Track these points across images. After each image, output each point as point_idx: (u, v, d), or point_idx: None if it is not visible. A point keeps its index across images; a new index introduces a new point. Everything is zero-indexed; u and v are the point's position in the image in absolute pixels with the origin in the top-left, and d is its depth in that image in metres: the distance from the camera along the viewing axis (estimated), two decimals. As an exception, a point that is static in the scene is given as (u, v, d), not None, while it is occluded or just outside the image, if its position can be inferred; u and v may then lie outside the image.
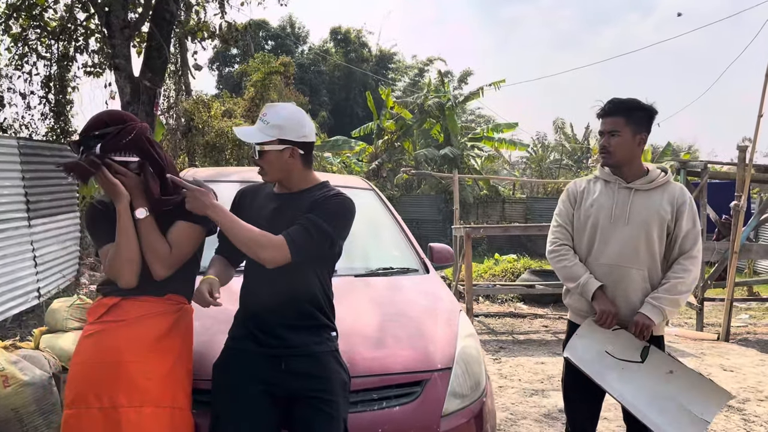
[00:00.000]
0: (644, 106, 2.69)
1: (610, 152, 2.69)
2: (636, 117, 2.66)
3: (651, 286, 2.67)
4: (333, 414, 2.08)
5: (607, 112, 2.70)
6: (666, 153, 22.08)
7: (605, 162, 2.74)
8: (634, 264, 2.65)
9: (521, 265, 11.46)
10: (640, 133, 2.67)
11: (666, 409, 2.50)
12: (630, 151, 2.68)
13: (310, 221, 2.07)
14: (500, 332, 7.44)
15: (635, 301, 2.66)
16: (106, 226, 2.17)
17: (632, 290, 2.66)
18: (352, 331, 2.50)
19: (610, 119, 2.67)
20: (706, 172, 7.76)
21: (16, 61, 10.04)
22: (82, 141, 2.15)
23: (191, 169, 4.37)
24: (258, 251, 2.03)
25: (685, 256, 2.64)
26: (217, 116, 14.40)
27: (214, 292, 2.06)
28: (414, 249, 3.68)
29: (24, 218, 6.42)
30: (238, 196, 2.35)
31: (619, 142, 2.66)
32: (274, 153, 2.13)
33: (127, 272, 2.12)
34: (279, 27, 31.95)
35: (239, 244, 2.06)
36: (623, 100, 2.70)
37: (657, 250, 2.66)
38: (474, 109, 30.61)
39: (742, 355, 6.37)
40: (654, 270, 2.67)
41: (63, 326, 5.12)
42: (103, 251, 2.18)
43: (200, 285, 2.08)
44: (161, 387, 2.09)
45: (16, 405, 3.53)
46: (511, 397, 4.84)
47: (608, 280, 2.68)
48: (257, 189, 2.34)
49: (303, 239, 2.04)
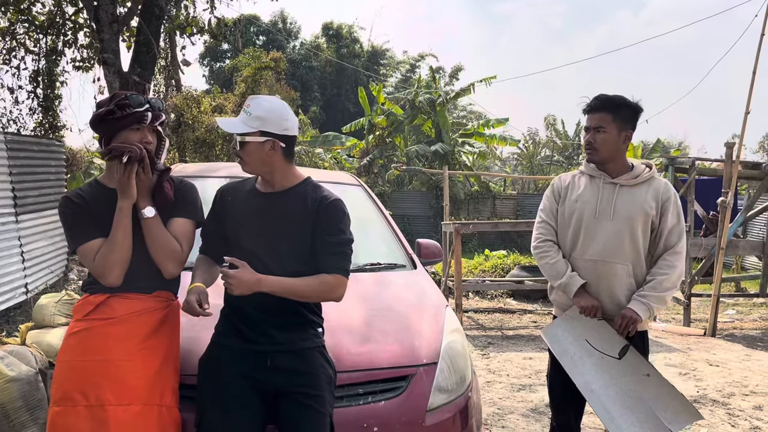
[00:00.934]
0: (630, 103, 2.70)
1: (595, 148, 2.70)
2: (622, 114, 2.68)
3: (635, 282, 2.69)
4: (319, 409, 2.09)
5: (593, 108, 2.71)
6: (656, 149, 22.21)
7: (590, 158, 2.76)
8: (619, 259, 2.67)
9: (511, 261, 11.50)
10: (625, 130, 2.69)
11: (633, 407, 2.51)
12: (615, 147, 2.70)
13: (338, 243, 2.16)
14: (489, 328, 7.48)
15: (620, 296, 2.69)
16: (87, 222, 2.13)
17: (617, 285, 2.69)
18: (338, 326, 2.50)
19: (597, 115, 2.69)
20: (694, 169, 7.82)
21: (3, 55, 9.97)
22: (153, 100, 2.21)
23: (179, 165, 4.35)
24: (329, 296, 2.16)
25: (671, 252, 2.66)
26: (207, 112, 14.34)
27: (203, 303, 2.05)
28: (402, 245, 3.69)
29: (11, 213, 6.38)
30: (218, 195, 2.32)
31: (604, 138, 2.67)
32: (254, 144, 2.12)
33: (118, 271, 2.10)
34: (270, 22, 31.83)
35: (307, 299, 2.15)
36: (610, 96, 2.71)
37: (641, 246, 2.68)
38: (465, 105, 30.69)
39: (728, 350, 6.43)
40: (638, 265, 2.70)
41: (50, 322, 5.10)
42: (87, 248, 2.12)
43: (189, 295, 2.07)
44: (150, 385, 2.08)
45: (3, 401, 3.53)
46: (499, 392, 4.87)
47: (593, 275, 2.70)
48: (237, 186, 2.32)
49: (347, 261, 2.18)
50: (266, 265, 2.10)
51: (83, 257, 2.13)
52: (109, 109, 2.13)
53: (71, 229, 2.16)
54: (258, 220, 2.17)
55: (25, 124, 10.34)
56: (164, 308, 2.22)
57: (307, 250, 2.16)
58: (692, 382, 5.21)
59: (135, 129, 2.15)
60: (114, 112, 2.12)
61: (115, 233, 2.10)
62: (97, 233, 2.12)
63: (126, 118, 2.13)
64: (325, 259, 2.14)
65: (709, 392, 4.94)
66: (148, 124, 2.18)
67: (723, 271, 7.37)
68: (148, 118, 2.17)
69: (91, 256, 2.11)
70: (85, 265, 2.15)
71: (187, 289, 2.11)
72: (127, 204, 2.11)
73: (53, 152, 7.87)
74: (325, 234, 2.15)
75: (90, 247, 2.11)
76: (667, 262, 2.65)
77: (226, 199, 2.27)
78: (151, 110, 2.18)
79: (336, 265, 2.14)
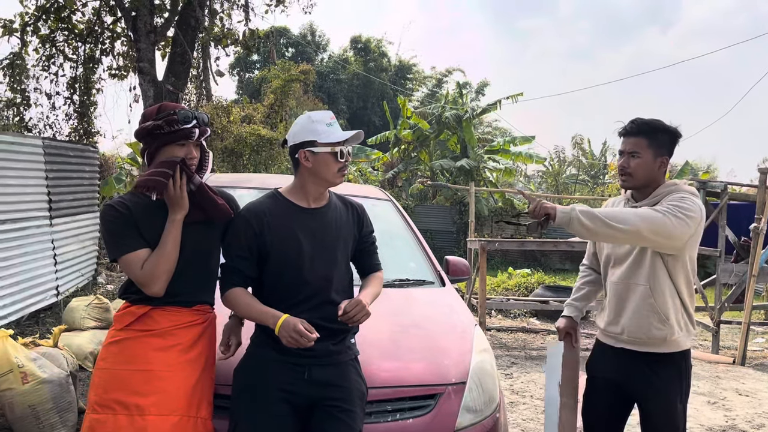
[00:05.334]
0: (668, 128, 2.59)
1: (629, 174, 2.57)
2: (659, 139, 2.56)
3: (655, 301, 2.51)
4: (351, 424, 2.10)
5: (628, 132, 2.60)
6: (684, 172, 21.87)
7: (624, 185, 2.64)
8: (640, 280, 2.55)
9: (535, 280, 11.40)
10: (661, 156, 2.57)
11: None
12: (651, 173, 2.56)
13: (375, 242, 2.43)
14: (512, 347, 7.41)
15: (640, 314, 2.54)
16: (131, 231, 2.12)
17: (635, 304, 2.55)
18: (367, 341, 2.50)
19: (632, 140, 2.57)
20: (725, 193, 7.69)
21: (43, 62, 10.27)
22: (199, 114, 2.19)
23: (213, 175, 4.41)
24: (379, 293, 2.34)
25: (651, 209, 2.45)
26: (236, 122, 14.52)
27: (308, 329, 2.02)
28: (430, 261, 3.68)
29: (46, 217, 6.53)
30: (250, 217, 2.18)
31: (639, 163, 2.55)
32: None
33: (164, 281, 2.10)
34: (300, 35, 32.22)
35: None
36: (647, 120, 2.61)
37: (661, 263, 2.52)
38: (491, 121, 30.61)
39: (759, 379, 6.27)
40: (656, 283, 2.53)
41: (80, 325, 5.21)
42: (133, 257, 2.10)
43: (296, 324, 2.00)
44: (189, 397, 2.11)
45: (34, 402, 3.59)
46: (523, 413, 4.81)
47: (617, 297, 2.62)
48: (268, 205, 2.22)
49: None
50: (328, 279, 2.18)
51: (127, 265, 2.11)
52: (156, 123, 2.13)
53: (114, 236, 2.13)
54: (314, 237, 2.19)
55: (61, 130, 10.63)
56: (204, 321, 2.24)
57: (349, 255, 2.32)
58: (721, 412, 5.09)
59: (181, 144, 2.16)
60: (162, 127, 2.12)
61: (165, 244, 2.10)
62: (143, 243, 2.12)
63: (173, 134, 2.13)
64: (371, 258, 2.40)
65: (738, 422, 4.83)
66: (195, 140, 2.18)
67: (753, 299, 7.21)
68: (196, 134, 2.17)
69: (138, 265, 2.09)
70: (128, 274, 2.14)
71: (281, 325, 2.02)
72: (180, 216, 2.13)
73: (88, 158, 8.05)
74: (368, 236, 2.38)
75: (137, 256, 2.10)
76: (638, 210, 2.45)
77: (263, 219, 2.17)
78: (198, 126, 2.17)
79: (378, 262, 2.43)
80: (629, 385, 2.62)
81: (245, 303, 2.14)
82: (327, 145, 2.15)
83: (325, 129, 2.17)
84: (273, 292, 2.17)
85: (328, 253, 2.21)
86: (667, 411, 2.55)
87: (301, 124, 2.21)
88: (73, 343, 4.75)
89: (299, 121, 2.23)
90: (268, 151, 14.14)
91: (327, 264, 2.20)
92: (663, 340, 2.52)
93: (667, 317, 2.51)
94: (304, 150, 2.16)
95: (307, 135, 2.17)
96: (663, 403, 2.55)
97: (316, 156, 2.15)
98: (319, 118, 2.19)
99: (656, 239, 2.40)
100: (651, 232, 2.37)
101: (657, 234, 2.37)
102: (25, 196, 6.13)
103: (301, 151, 2.16)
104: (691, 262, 2.56)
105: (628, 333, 2.59)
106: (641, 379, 2.57)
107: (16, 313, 5.70)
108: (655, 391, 2.56)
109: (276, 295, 2.16)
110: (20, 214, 5.98)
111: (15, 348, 3.66)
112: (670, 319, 2.50)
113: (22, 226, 5.98)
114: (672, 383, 2.55)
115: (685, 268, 2.53)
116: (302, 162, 2.17)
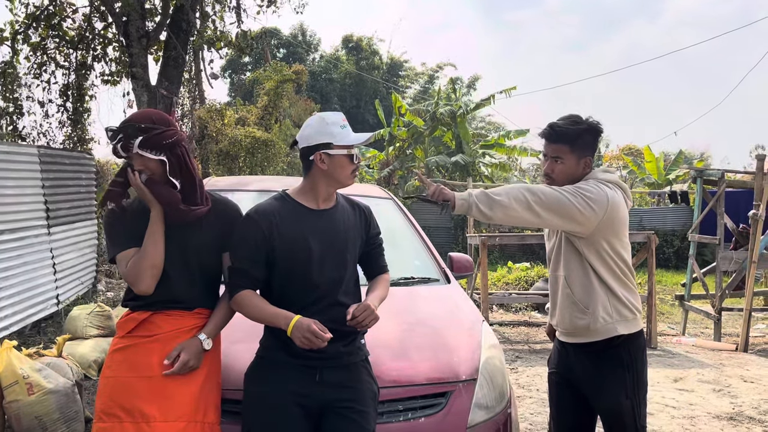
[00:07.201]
0: (589, 127, 2.53)
1: (553, 179, 2.55)
2: (581, 142, 2.51)
3: (571, 291, 2.52)
4: (364, 425, 2.09)
5: (548, 139, 2.55)
6: (678, 161, 21.95)
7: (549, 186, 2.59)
8: (560, 271, 2.58)
9: (535, 274, 11.40)
10: (585, 157, 2.53)
11: None
12: (574, 174, 2.54)
13: (382, 243, 2.41)
14: (516, 341, 7.41)
15: (563, 305, 2.56)
16: (122, 231, 2.17)
17: (559, 295, 2.59)
18: (375, 341, 2.48)
19: (554, 146, 2.53)
20: (723, 181, 7.71)
21: (35, 69, 10.19)
22: (123, 128, 2.11)
23: (212, 179, 4.40)
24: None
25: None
26: (230, 124, 14.50)
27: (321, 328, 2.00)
28: (434, 258, 3.67)
29: (44, 225, 6.48)
30: (260, 219, 2.14)
31: (562, 169, 2.52)
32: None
33: (149, 278, 2.11)
34: (290, 35, 32.13)
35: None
36: (566, 128, 2.51)
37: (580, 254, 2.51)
38: (485, 116, 30.61)
39: (762, 365, 6.29)
40: (574, 274, 2.53)
41: (83, 333, 5.18)
42: (122, 256, 2.14)
43: (310, 324, 1.98)
44: (194, 402, 2.10)
45: (40, 412, 3.57)
46: (530, 407, 4.82)
47: (551, 289, 2.65)
48: (274, 206, 2.19)
49: None
50: (337, 281, 2.18)
51: (118, 264, 2.17)
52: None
53: (110, 237, 2.20)
54: (323, 238, 2.18)
55: (55, 138, 10.55)
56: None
57: (356, 257, 2.31)
58: (727, 399, 5.11)
59: (128, 158, 2.16)
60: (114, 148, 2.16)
61: (145, 240, 2.13)
62: (134, 242, 2.15)
63: (116, 152, 2.15)
64: (378, 260, 2.38)
65: (745, 409, 4.84)
66: (132, 152, 2.11)
67: (753, 285, 7.23)
68: (131, 146, 2.10)
69: (125, 263, 2.13)
70: (120, 273, 2.20)
71: (293, 326, 1.99)
72: (154, 212, 2.14)
73: (84, 165, 8.00)
74: (375, 238, 2.37)
75: (126, 255, 2.14)
76: (531, 186, 2.46)
77: (272, 221, 2.13)
78: (120, 140, 2.11)
79: (385, 264, 2.41)
80: (576, 380, 2.60)
81: (255, 305, 2.11)
82: (343, 148, 2.14)
83: (339, 131, 2.15)
84: (282, 295, 2.15)
85: (338, 255, 2.19)
86: (611, 409, 2.50)
87: (314, 126, 2.17)
88: (77, 352, 4.73)
89: (312, 123, 2.19)
90: (263, 153, 14.13)
91: (336, 266, 2.18)
92: (586, 329, 2.49)
93: (587, 306, 2.47)
94: (319, 152, 2.14)
95: (323, 137, 2.14)
96: (605, 401, 2.50)
97: (332, 158, 2.14)
98: (333, 120, 2.17)
99: (552, 218, 2.38)
100: (543, 206, 2.36)
101: (550, 210, 2.37)
102: (22, 205, 6.08)
103: (316, 153, 2.14)
104: (612, 248, 2.47)
105: (559, 325, 2.62)
106: (584, 375, 2.55)
107: (17, 323, 5.67)
108: (597, 389, 2.52)
109: (285, 298, 2.14)
110: (18, 223, 5.94)
111: (20, 359, 3.63)
112: (590, 307, 2.46)
113: (20, 236, 5.93)
114: (614, 378, 2.48)
115: (606, 253, 2.46)
116: (317, 164, 2.14)
